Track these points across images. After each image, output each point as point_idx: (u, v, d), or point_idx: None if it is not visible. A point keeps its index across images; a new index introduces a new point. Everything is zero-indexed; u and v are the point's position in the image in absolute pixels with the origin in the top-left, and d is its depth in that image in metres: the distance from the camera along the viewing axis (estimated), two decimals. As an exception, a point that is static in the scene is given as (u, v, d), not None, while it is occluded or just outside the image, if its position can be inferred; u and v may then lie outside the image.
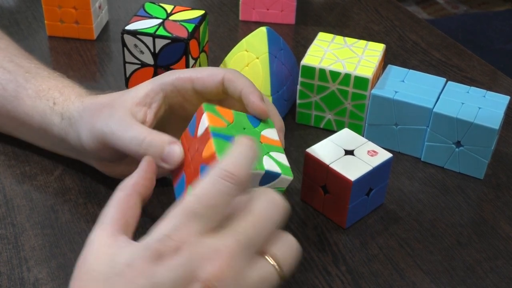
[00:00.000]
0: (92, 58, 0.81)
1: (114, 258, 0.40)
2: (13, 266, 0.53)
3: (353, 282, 0.54)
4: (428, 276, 0.55)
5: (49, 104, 0.58)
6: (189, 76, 0.54)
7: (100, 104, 0.55)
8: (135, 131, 0.51)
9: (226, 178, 0.40)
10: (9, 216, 0.58)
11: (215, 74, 0.54)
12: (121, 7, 0.92)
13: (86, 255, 0.42)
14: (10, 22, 0.87)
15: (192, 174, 0.47)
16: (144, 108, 0.54)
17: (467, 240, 0.58)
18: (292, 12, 0.89)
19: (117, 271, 0.40)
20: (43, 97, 0.59)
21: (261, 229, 0.41)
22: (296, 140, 0.69)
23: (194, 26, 0.70)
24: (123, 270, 0.39)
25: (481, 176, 0.65)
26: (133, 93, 0.55)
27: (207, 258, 0.39)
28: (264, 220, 0.41)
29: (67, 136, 0.57)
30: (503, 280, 0.55)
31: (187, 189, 0.47)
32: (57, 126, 0.58)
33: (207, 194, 0.40)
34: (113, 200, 0.45)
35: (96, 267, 0.41)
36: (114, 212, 0.44)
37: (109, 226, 0.43)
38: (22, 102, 0.60)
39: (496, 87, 0.79)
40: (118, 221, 0.43)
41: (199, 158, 0.47)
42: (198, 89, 0.54)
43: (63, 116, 0.57)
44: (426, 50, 0.86)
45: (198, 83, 0.54)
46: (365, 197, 0.58)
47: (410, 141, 0.66)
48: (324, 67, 0.66)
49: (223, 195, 0.40)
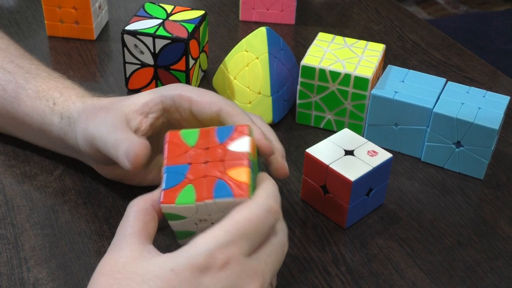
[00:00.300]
0: (92, 58, 0.81)
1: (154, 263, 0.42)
2: (13, 266, 0.53)
3: (353, 282, 0.54)
4: (428, 276, 0.55)
5: (49, 104, 0.58)
6: (189, 96, 0.54)
7: (99, 107, 0.55)
8: (118, 135, 0.51)
9: (273, 214, 0.45)
10: (9, 216, 0.58)
11: (214, 103, 0.53)
12: (121, 7, 0.92)
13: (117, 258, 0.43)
14: (10, 22, 0.87)
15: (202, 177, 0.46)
16: (140, 117, 0.54)
17: (467, 240, 0.58)
18: (292, 12, 0.89)
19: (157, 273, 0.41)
20: (43, 98, 0.59)
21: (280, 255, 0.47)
22: (296, 140, 0.69)
23: (194, 26, 0.70)
24: (166, 274, 0.41)
25: (481, 176, 0.65)
26: (133, 99, 0.55)
27: (249, 277, 0.43)
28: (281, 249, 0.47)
29: (66, 136, 0.57)
30: (503, 280, 0.55)
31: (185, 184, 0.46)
32: (56, 126, 0.58)
33: (258, 223, 0.44)
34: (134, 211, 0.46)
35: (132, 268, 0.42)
36: (138, 223, 0.46)
37: (137, 234, 0.45)
38: (22, 103, 0.60)
39: (496, 87, 0.79)
40: (143, 231, 0.45)
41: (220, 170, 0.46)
42: (194, 111, 0.54)
43: (62, 116, 0.57)
44: (426, 50, 0.86)
45: (196, 106, 0.53)
46: (365, 197, 0.58)
47: (410, 141, 0.66)
48: (324, 67, 0.66)
49: (269, 226, 0.45)
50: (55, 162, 0.63)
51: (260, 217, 0.44)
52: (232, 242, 0.43)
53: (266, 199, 0.45)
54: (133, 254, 0.43)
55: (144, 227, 0.45)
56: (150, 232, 0.46)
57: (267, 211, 0.45)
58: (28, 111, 0.59)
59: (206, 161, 0.47)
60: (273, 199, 0.46)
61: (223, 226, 0.43)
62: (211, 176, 0.46)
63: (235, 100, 0.72)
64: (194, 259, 0.41)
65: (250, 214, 0.44)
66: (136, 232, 0.45)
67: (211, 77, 0.76)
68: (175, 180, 0.46)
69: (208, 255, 0.42)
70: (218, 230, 0.43)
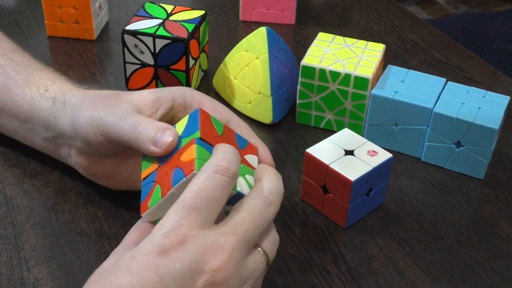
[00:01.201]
0: (92, 58, 0.81)
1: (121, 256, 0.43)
2: (13, 266, 0.53)
3: (353, 282, 0.54)
4: (428, 276, 0.55)
5: (39, 91, 0.58)
6: (201, 100, 0.54)
7: (105, 95, 0.55)
8: (134, 119, 0.51)
9: (220, 172, 0.44)
10: (9, 216, 0.58)
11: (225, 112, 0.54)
12: (121, 7, 0.92)
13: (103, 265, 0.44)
14: (10, 22, 0.87)
15: (164, 174, 0.47)
16: (150, 111, 0.54)
17: (467, 240, 0.58)
18: (292, 12, 0.89)
19: (121, 264, 0.42)
20: (33, 85, 0.59)
21: (257, 227, 0.45)
22: (296, 140, 0.69)
23: (194, 26, 0.70)
24: (128, 263, 0.41)
25: (481, 176, 0.65)
26: (143, 94, 0.54)
27: (211, 251, 0.42)
28: (260, 218, 0.45)
29: (56, 120, 0.57)
30: (503, 280, 0.55)
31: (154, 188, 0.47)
32: (46, 110, 0.57)
33: (204, 189, 0.43)
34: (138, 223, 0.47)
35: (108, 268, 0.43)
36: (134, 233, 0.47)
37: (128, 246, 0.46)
38: (11, 93, 0.59)
39: (496, 87, 0.79)
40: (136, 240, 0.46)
41: (176, 161, 0.47)
42: None
43: (55, 100, 0.57)
44: (426, 50, 0.86)
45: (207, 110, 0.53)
46: (365, 197, 0.58)
47: (410, 141, 0.66)
48: (324, 67, 0.66)
49: (220, 188, 0.43)
50: (55, 162, 0.63)
51: (205, 184, 0.43)
52: (183, 219, 0.42)
53: (211, 161, 0.44)
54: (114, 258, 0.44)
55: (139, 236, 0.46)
56: None
57: (213, 172, 0.43)
58: (16, 100, 0.59)
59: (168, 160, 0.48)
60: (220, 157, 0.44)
61: (173, 206, 0.43)
62: (169, 169, 0.47)
63: (235, 100, 0.72)
64: (150, 244, 0.42)
65: (195, 184, 0.43)
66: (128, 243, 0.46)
67: (211, 77, 0.76)
68: (147, 190, 0.48)
69: (162, 237, 0.42)
70: (170, 212, 0.43)
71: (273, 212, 0.46)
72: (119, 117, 0.51)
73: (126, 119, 0.51)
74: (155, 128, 0.49)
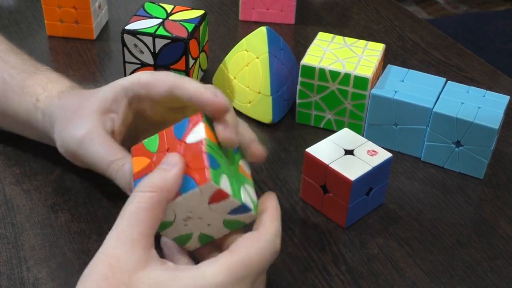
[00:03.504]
0: (92, 58, 0.81)
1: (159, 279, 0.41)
2: (12, 266, 0.53)
3: (353, 281, 0.54)
4: (428, 276, 0.55)
5: (32, 101, 0.58)
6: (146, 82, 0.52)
7: (71, 108, 0.55)
8: (104, 150, 0.51)
9: (275, 255, 0.46)
10: (9, 216, 0.58)
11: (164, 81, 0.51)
12: (121, 7, 0.92)
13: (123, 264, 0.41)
14: (10, 22, 0.87)
15: None
16: (112, 115, 0.53)
17: (467, 240, 0.58)
18: (292, 12, 0.89)
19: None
20: (27, 94, 0.59)
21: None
22: (296, 140, 0.69)
23: (194, 26, 0.70)
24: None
25: (481, 176, 0.65)
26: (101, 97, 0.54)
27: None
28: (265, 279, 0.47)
29: (49, 133, 0.57)
30: (503, 280, 0.55)
31: None
32: (40, 122, 0.58)
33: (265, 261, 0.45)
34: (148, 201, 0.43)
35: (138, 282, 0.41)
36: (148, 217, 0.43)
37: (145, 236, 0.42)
38: (9, 100, 0.59)
39: (496, 87, 0.79)
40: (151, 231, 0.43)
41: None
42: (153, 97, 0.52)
43: (44, 113, 0.57)
44: (426, 50, 0.86)
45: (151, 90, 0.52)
46: (365, 197, 0.58)
47: (410, 141, 0.66)
48: (324, 67, 0.66)
49: (269, 265, 0.45)
50: (55, 162, 0.63)
51: (269, 256, 0.45)
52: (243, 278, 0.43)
53: (276, 238, 0.46)
54: (140, 262, 0.41)
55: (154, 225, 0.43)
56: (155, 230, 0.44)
57: (275, 252, 0.45)
58: (14, 107, 0.59)
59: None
60: (279, 239, 0.46)
61: (238, 260, 0.43)
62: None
63: (235, 100, 0.72)
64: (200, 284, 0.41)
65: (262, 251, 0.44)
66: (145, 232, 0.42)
67: (211, 77, 0.75)
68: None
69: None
70: (234, 263, 0.43)
71: None
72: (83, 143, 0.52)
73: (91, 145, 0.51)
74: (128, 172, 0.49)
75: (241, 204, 0.46)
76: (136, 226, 0.42)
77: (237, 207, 0.46)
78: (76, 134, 0.53)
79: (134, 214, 0.43)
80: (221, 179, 0.44)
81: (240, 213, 0.46)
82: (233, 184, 0.46)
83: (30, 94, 0.59)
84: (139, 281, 0.41)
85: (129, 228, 0.42)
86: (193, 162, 0.45)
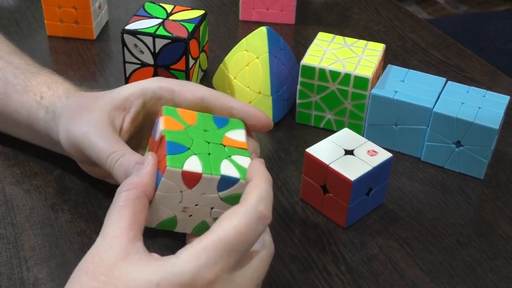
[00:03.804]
0: (92, 58, 0.81)
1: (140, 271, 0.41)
2: (12, 266, 0.53)
3: (353, 281, 0.54)
4: (428, 276, 0.55)
5: (36, 98, 0.58)
6: (171, 87, 0.54)
7: (81, 105, 0.55)
8: (106, 143, 0.51)
9: (262, 221, 0.44)
10: (9, 216, 0.58)
11: (196, 90, 0.53)
12: (121, 6, 0.92)
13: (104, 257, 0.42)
14: (10, 22, 0.87)
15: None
16: (123, 113, 0.54)
17: (467, 240, 0.58)
18: (292, 12, 0.89)
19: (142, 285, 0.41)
20: (31, 92, 0.59)
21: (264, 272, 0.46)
22: (296, 140, 0.69)
23: (194, 26, 0.70)
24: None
25: (481, 176, 0.65)
26: (114, 94, 0.55)
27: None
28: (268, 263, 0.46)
29: (50, 131, 0.57)
30: (503, 280, 0.55)
31: None
32: (42, 120, 0.58)
33: (246, 232, 0.43)
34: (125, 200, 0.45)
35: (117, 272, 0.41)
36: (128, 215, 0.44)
37: (127, 230, 0.43)
38: (11, 99, 0.59)
39: (496, 87, 0.79)
40: (134, 225, 0.44)
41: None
42: (177, 101, 0.53)
43: (48, 110, 0.57)
44: (426, 50, 0.86)
45: (179, 96, 0.53)
46: (365, 197, 0.58)
47: (410, 141, 0.66)
48: (324, 67, 0.66)
49: (257, 234, 0.44)
50: (55, 162, 0.63)
51: (250, 227, 0.43)
52: (220, 258, 0.42)
53: (257, 204, 0.44)
54: (120, 254, 0.42)
55: (135, 219, 0.44)
56: (140, 224, 0.44)
57: (257, 218, 0.43)
58: (16, 106, 0.59)
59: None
60: (263, 204, 0.44)
61: (212, 241, 0.42)
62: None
63: (235, 100, 0.71)
64: (181, 276, 0.41)
65: (239, 225, 0.43)
66: (127, 226, 0.43)
67: (211, 77, 0.75)
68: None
69: (196, 274, 0.41)
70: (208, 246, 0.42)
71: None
72: (89, 135, 0.52)
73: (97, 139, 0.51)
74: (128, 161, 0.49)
75: (220, 177, 0.46)
76: (117, 223, 0.43)
77: (220, 182, 0.46)
78: (83, 127, 0.53)
79: (116, 213, 0.44)
80: (186, 161, 0.45)
81: (230, 186, 0.46)
82: (207, 161, 0.46)
83: (34, 92, 0.59)
84: (118, 272, 0.41)
85: (111, 226, 0.43)
86: (161, 155, 0.47)
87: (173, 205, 0.47)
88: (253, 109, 0.52)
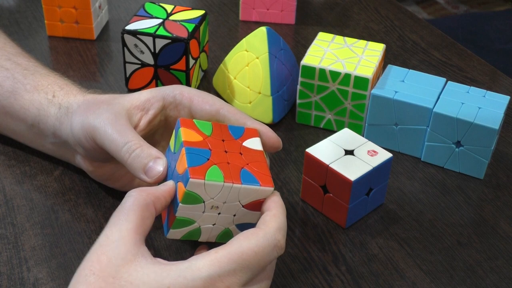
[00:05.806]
0: (92, 58, 0.81)
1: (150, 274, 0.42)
2: (13, 266, 0.53)
3: (353, 281, 0.54)
4: (428, 276, 0.55)
5: (47, 96, 0.59)
6: (191, 95, 0.55)
7: (100, 100, 0.56)
8: (124, 133, 0.51)
9: (277, 249, 0.46)
10: (9, 216, 0.58)
11: (214, 103, 0.54)
12: (121, 7, 0.92)
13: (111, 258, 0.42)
14: (10, 22, 0.87)
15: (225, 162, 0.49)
16: (141, 113, 0.55)
17: (467, 240, 0.58)
18: (292, 12, 0.89)
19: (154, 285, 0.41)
20: (42, 91, 0.59)
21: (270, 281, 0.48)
22: (296, 140, 0.69)
23: (194, 26, 0.70)
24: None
25: (481, 176, 0.65)
26: (135, 95, 0.55)
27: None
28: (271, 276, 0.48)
29: (60, 126, 0.57)
30: (503, 280, 0.55)
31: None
32: (52, 116, 0.58)
33: (262, 255, 0.44)
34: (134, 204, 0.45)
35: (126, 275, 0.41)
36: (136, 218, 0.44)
37: (133, 232, 0.44)
38: (19, 97, 0.59)
39: (496, 87, 0.79)
40: (140, 229, 0.44)
41: (241, 160, 0.49)
42: (194, 110, 0.55)
43: (61, 106, 0.57)
44: (426, 50, 0.86)
45: (196, 105, 0.54)
46: (365, 197, 0.58)
47: (410, 141, 0.66)
48: (324, 67, 0.66)
49: (270, 260, 0.46)
50: (55, 162, 0.63)
51: (266, 252, 0.45)
52: (233, 272, 0.43)
53: (276, 233, 0.46)
54: (127, 256, 0.42)
55: (142, 224, 0.44)
56: (145, 230, 0.45)
57: (274, 246, 0.45)
58: (24, 104, 0.59)
59: (225, 151, 0.49)
60: (281, 234, 0.46)
61: (228, 253, 0.43)
62: (235, 164, 0.48)
63: (235, 100, 0.72)
64: (193, 281, 0.41)
65: (257, 246, 0.44)
66: (133, 229, 0.44)
67: (211, 77, 0.76)
68: (198, 160, 0.47)
69: (208, 281, 0.42)
70: (223, 257, 0.43)
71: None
72: (107, 125, 0.52)
73: (115, 129, 0.51)
74: (148, 155, 0.50)
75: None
76: (124, 225, 0.44)
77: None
78: (101, 115, 0.53)
79: (123, 215, 0.44)
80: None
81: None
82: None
83: (45, 91, 0.59)
84: (126, 274, 0.41)
85: (117, 227, 0.44)
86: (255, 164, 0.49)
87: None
88: (265, 129, 0.53)
